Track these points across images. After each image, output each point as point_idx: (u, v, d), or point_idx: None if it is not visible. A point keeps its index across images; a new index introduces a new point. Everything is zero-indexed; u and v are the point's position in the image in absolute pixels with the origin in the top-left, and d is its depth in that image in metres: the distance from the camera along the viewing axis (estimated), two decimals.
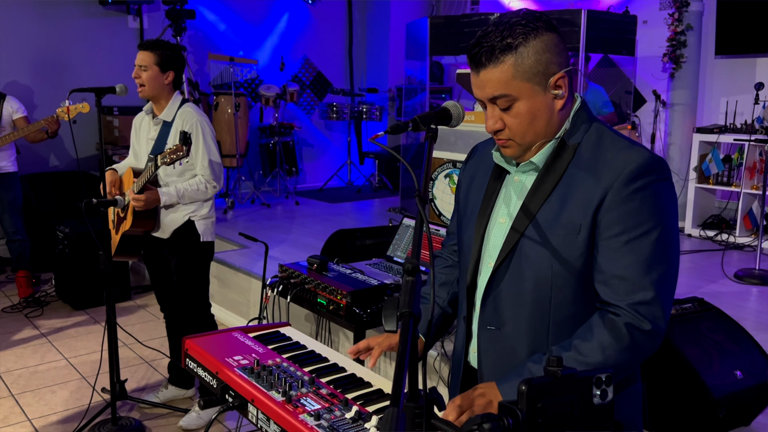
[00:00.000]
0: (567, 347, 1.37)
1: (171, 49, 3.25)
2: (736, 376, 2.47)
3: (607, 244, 1.36)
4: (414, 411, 0.98)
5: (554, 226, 1.40)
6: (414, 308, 0.93)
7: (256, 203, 6.89)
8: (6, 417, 3.47)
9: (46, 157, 6.37)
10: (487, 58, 1.37)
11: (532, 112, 1.40)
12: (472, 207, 1.59)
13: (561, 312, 1.42)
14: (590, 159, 1.41)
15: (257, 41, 7.63)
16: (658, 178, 1.37)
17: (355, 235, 3.88)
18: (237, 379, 1.62)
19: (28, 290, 5.27)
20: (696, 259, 5.16)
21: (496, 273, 1.48)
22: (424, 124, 1.43)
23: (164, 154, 2.93)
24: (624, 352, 1.34)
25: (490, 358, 1.52)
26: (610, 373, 1.04)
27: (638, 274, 1.34)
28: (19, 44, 6.16)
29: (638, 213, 1.34)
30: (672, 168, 6.02)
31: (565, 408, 0.98)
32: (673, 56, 5.96)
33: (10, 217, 5.25)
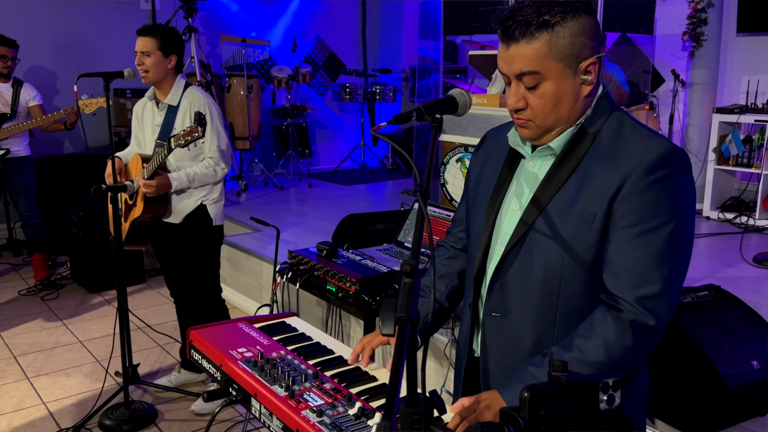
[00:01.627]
0: (568, 347, 1.34)
1: (171, 32, 3.21)
2: (752, 365, 2.42)
3: (620, 235, 1.32)
4: (413, 417, 0.95)
5: (568, 215, 1.36)
6: (411, 312, 0.90)
7: (269, 185, 6.87)
8: (21, 400, 3.51)
9: (60, 141, 6.39)
10: (521, 32, 1.32)
11: (558, 95, 1.35)
12: (483, 193, 1.55)
13: (569, 303, 1.39)
14: (609, 147, 1.37)
15: (270, 22, 7.56)
16: (678, 170, 1.33)
17: (366, 220, 3.84)
18: (240, 372, 1.60)
19: (43, 273, 5.31)
20: (714, 242, 5.07)
21: (504, 260, 1.45)
22: (428, 113, 1.39)
23: (178, 136, 2.90)
24: (628, 349, 1.32)
25: (494, 347, 1.50)
26: (617, 378, 1.00)
27: (648, 268, 1.30)
28: (36, 29, 6.16)
29: (655, 205, 1.30)
30: (691, 149, 5.92)
31: (570, 415, 0.95)
32: (693, 34, 5.82)
33: (24, 200, 5.29)
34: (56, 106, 6.23)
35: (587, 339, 1.32)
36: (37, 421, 3.31)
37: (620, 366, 1.33)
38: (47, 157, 6.09)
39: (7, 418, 3.32)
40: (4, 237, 6.02)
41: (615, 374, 1.00)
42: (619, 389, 1.00)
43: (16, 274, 5.54)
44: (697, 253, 4.79)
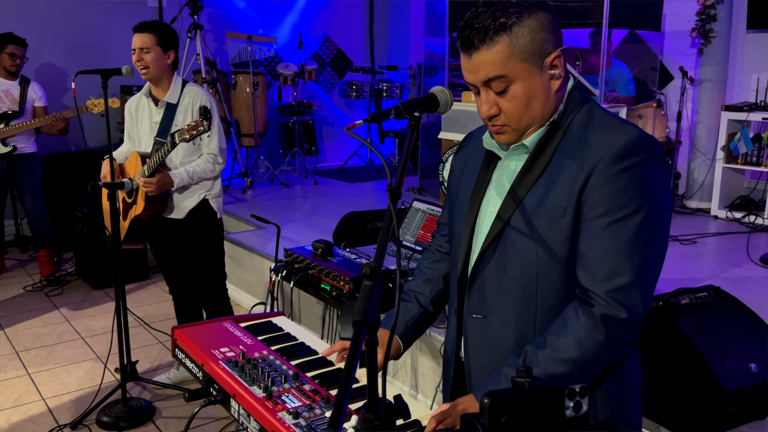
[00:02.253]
0: (542, 345, 1.32)
1: (167, 28, 3.23)
2: (750, 368, 2.38)
3: (589, 226, 1.31)
4: (373, 423, 0.93)
5: (540, 210, 1.35)
6: (369, 316, 0.88)
7: (275, 183, 6.87)
8: (21, 396, 3.52)
9: (67, 138, 6.41)
10: (480, 39, 1.30)
11: (529, 94, 1.34)
12: (463, 196, 1.54)
13: (548, 300, 1.37)
14: (578, 140, 1.35)
15: (276, 19, 7.55)
16: (647, 157, 1.30)
17: (366, 218, 3.83)
18: (221, 372, 1.59)
19: (49, 269, 5.34)
20: (721, 241, 5.01)
21: (480, 260, 1.43)
22: (407, 111, 1.37)
23: (182, 131, 2.90)
24: (601, 345, 1.29)
25: (477, 349, 1.48)
26: (584, 384, 0.98)
27: (618, 259, 1.27)
28: (46, 27, 6.19)
29: (623, 194, 1.28)
30: (699, 147, 5.85)
31: (533, 422, 0.93)
32: (702, 31, 5.74)
33: (30, 197, 5.32)
34: (66, 104, 6.26)
35: (560, 336, 1.31)
36: (35, 417, 3.32)
37: (595, 361, 1.31)
38: (54, 153, 6.12)
39: (6, 414, 3.34)
40: (12, 233, 6.06)
41: (582, 380, 0.98)
42: (587, 396, 0.98)
43: (23, 270, 5.57)
44: (703, 253, 4.74)
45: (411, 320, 1.64)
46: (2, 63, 5.11)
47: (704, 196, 5.89)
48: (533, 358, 1.31)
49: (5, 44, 5.08)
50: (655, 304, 2.50)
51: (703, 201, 5.91)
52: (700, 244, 4.88)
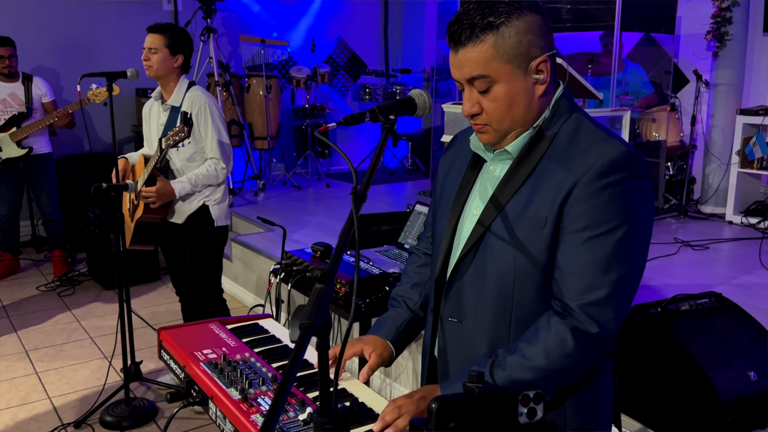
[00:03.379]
0: (513, 350, 1.32)
1: (181, 32, 3.24)
2: (749, 377, 2.34)
3: (568, 240, 1.30)
4: (324, 426, 0.92)
5: (521, 219, 1.34)
6: (317, 319, 0.87)
7: (287, 185, 6.90)
8: (28, 394, 3.57)
9: (81, 139, 6.50)
10: (466, 36, 1.30)
11: (511, 97, 1.33)
12: (447, 197, 1.53)
13: (523, 308, 1.36)
14: (564, 150, 1.34)
15: (291, 22, 7.59)
16: (631, 174, 1.29)
17: (371, 221, 3.82)
18: (200, 374, 1.59)
19: (62, 269, 5.42)
20: (735, 247, 4.93)
21: (460, 264, 1.43)
22: (382, 114, 1.37)
23: (168, 136, 2.94)
24: (569, 357, 1.29)
25: (451, 352, 1.47)
26: (539, 391, 0.96)
27: (594, 274, 1.27)
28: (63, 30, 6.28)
29: (604, 210, 1.27)
30: (714, 152, 5.77)
31: (483, 427, 0.92)
32: (717, 34, 5.66)
33: (46, 197, 5.40)
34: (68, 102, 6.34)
35: (530, 344, 1.31)
36: (40, 416, 3.36)
37: (562, 373, 1.31)
38: (69, 156, 6.20)
39: (12, 412, 3.39)
40: (27, 234, 6.15)
41: (537, 387, 0.97)
42: (542, 402, 0.96)
43: (37, 270, 5.65)
44: (716, 259, 4.66)
45: (402, 325, 1.63)
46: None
47: (719, 201, 5.81)
48: (502, 361, 1.31)
49: None
50: (654, 311, 2.46)
51: (717, 206, 5.83)
52: (713, 249, 4.81)
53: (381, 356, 1.56)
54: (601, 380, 1.42)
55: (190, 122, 2.83)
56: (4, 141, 5.14)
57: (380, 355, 1.56)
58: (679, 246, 4.79)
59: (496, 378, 1.30)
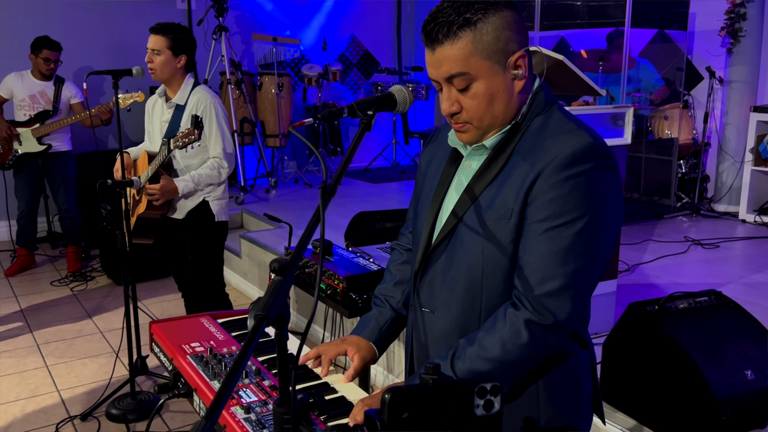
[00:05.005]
0: (472, 341, 1.33)
1: (183, 32, 3.27)
2: (746, 376, 2.32)
3: (529, 230, 1.31)
4: (283, 417, 0.94)
5: (489, 211, 1.35)
6: (272, 311, 0.89)
7: (299, 183, 6.94)
8: (37, 387, 3.64)
9: (99, 137, 6.59)
10: (444, 34, 1.30)
11: (491, 93, 1.33)
12: (426, 192, 1.54)
13: (492, 300, 1.37)
14: (532, 142, 1.35)
15: (304, 20, 7.62)
16: (595, 166, 1.29)
17: (375, 218, 3.85)
18: (186, 367, 1.62)
19: (76, 265, 5.50)
20: (746, 246, 4.88)
21: (432, 254, 1.44)
22: (360, 110, 1.38)
23: (176, 137, 2.97)
24: (523, 347, 1.29)
25: (425, 342, 1.49)
26: (497, 384, 0.97)
27: (551, 264, 1.27)
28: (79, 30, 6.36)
29: (565, 201, 1.27)
30: (727, 149, 5.71)
31: (437, 419, 0.93)
32: (732, 30, 5.59)
33: (63, 194, 5.50)
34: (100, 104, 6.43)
35: (488, 334, 1.32)
36: (48, 408, 3.43)
37: (518, 363, 1.31)
38: (85, 153, 6.29)
39: (21, 404, 3.45)
40: (43, 230, 6.25)
41: (495, 379, 0.97)
42: (500, 395, 0.97)
43: (52, 266, 5.74)
44: (726, 258, 4.62)
45: (385, 325, 1.64)
46: (37, 67, 5.28)
47: (732, 199, 5.74)
48: (462, 353, 1.33)
49: (40, 49, 5.24)
50: (650, 308, 2.45)
51: (731, 205, 5.76)
52: (724, 248, 4.76)
53: (364, 358, 1.58)
54: (573, 368, 1.42)
55: (201, 125, 2.86)
56: (26, 136, 5.25)
57: (363, 357, 1.58)
58: (689, 245, 4.75)
59: (456, 369, 1.31)
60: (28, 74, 5.33)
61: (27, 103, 5.27)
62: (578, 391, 1.43)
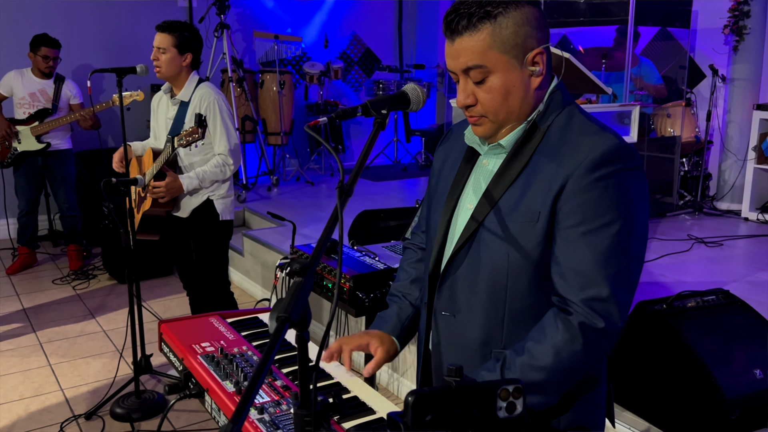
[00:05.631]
0: (520, 351, 1.31)
1: (189, 30, 3.26)
2: (755, 375, 2.31)
3: (564, 235, 1.29)
4: (303, 419, 0.93)
5: (513, 214, 1.34)
6: (293, 313, 0.88)
7: (300, 181, 6.93)
8: (41, 386, 3.63)
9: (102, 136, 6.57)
10: (464, 25, 1.30)
11: (507, 88, 1.32)
12: (441, 190, 1.53)
13: (516, 302, 1.36)
14: (556, 144, 1.34)
15: (305, 18, 7.60)
16: (624, 167, 1.28)
17: (379, 216, 3.84)
18: (198, 367, 1.61)
19: (77, 263, 5.49)
20: (749, 244, 4.87)
21: (454, 259, 1.43)
22: (375, 109, 1.37)
23: (180, 136, 2.97)
24: (578, 353, 1.27)
25: (444, 345, 1.48)
26: (519, 385, 0.96)
27: (593, 269, 1.26)
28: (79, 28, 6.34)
29: (598, 204, 1.26)
30: (730, 147, 5.70)
31: (460, 421, 0.92)
32: (735, 28, 5.58)
33: (64, 192, 5.48)
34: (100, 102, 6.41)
35: (538, 343, 1.29)
36: (52, 407, 3.42)
37: (571, 370, 1.30)
38: (86, 151, 6.27)
39: (25, 403, 3.44)
40: (44, 228, 6.23)
41: (517, 381, 0.97)
42: (522, 397, 0.96)
43: (53, 264, 5.73)
44: (729, 256, 4.61)
45: (406, 321, 1.63)
46: (36, 65, 5.26)
47: (735, 197, 5.74)
48: (511, 363, 1.30)
49: (39, 47, 5.22)
50: (659, 307, 2.44)
51: (734, 203, 5.76)
52: (727, 246, 4.75)
53: (387, 352, 1.55)
54: (596, 377, 1.42)
55: (204, 124, 2.85)
56: (25, 134, 5.23)
57: (387, 351, 1.55)
58: (693, 243, 4.74)
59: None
60: (28, 72, 5.31)
61: (27, 101, 5.26)
62: (597, 394, 1.43)
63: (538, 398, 1.28)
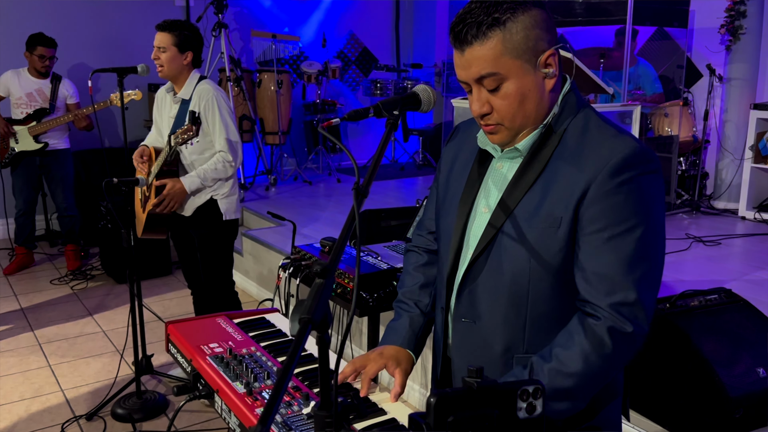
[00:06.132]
0: (548, 357, 1.30)
1: (189, 29, 3.25)
2: (758, 373, 2.33)
3: (589, 240, 1.29)
4: (324, 420, 0.93)
5: (534, 219, 1.33)
6: (316, 314, 0.88)
7: (298, 180, 6.92)
8: (41, 387, 3.61)
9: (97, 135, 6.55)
10: (473, 34, 1.29)
11: (522, 93, 1.32)
12: (453, 193, 1.51)
13: (538, 308, 1.36)
14: (574, 148, 1.33)
15: (302, 17, 7.59)
16: (644, 170, 1.28)
17: (380, 216, 3.83)
18: (207, 368, 1.61)
19: (75, 263, 5.47)
20: (748, 243, 4.90)
21: (473, 266, 1.41)
22: (386, 110, 1.37)
23: (176, 134, 2.97)
24: (607, 357, 1.27)
25: (464, 351, 1.47)
26: (539, 386, 0.97)
27: (620, 273, 1.26)
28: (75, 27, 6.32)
29: (622, 208, 1.27)
30: (727, 147, 5.73)
31: (482, 422, 0.92)
32: (731, 28, 5.61)
33: (62, 192, 5.46)
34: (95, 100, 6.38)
35: (566, 349, 1.29)
36: (53, 408, 3.41)
37: (600, 375, 1.30)
38: (84, 150, 6.25)
39: (25, 404, 3.43)
40: (42, 228, 6.21)
41: (537, 381, 0.97)
42: (542, 397, 0.97)
43: (50, 264, 5.71)
44: (728, 255, 4.63)
45: (419, 331, 1.60)
46: (32, 64, 5.24)
47: (732, 196, 5.77)
48: (539, 370, 1.29)
49: (35, 46, 5.20)
50: (662, 306, 2.45)
51: (731, 201, 5.79)
52: (725, 245, 4.77)
53: (406, 371, 1.52)
54: (615, 378, 1.42)
55: (198, 121, 2.85)
56: (22, 134, 5.21)
57: (404, 370, 1.52)
58: (691, 242, 4.76)
59: None
60: (25, 72, 5.29)
61: (24, 101, 5.23)
62: (615, 395, 1.43)
63: (567, 404, 1.28)
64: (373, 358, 1.52)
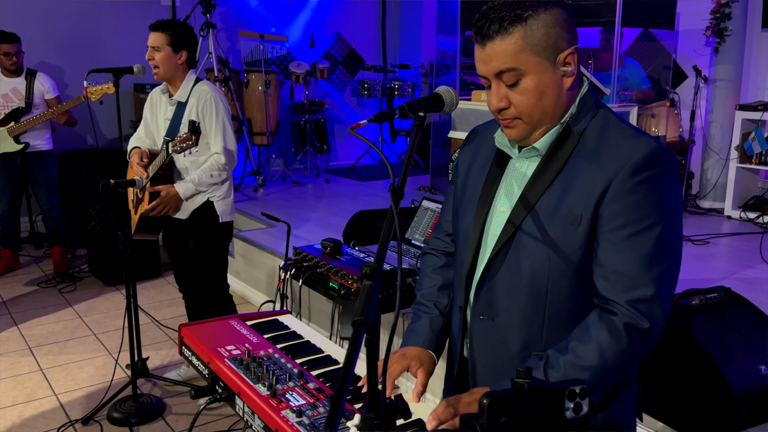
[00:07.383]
0: (564, 350, 1.31)
1: (183, 28, 3.22)
2: (760, 370, 2.36)
3: (608, 238, 1.30)
4: (372, 422, 0.93)
5: (553, 217, 1.34)
6: (368, 316, 0.88)
7: (286, 181, 6.89)
8: (33, 391, 3.56)
9: (82, 135, 6.47)
10: (495, 30, 1.31)
11: (540, 89, 1.33)
12: (470, 194, 1.52)
13: (556, 305, 1.37)
14: (594, 147, 1.35)
15: (289, 17, 7.57)
16: (663, 170, 1.30)
17: (376, 216, 3.84)
18: (226, 370, 1.60)
19: (62, 266, 5.39)
20: (734, 242, 4.97)
21: (491, 263, 1.43)
22: (412, 111, 1.37)
23: (174, 142, 2.93)
24: (623, 353, 1.29)
25: (482, 349, 1.47)
26: (585, 386, 0.97)
27: (639, 270, 1.28)
28: (59, 26, 6.23)
29: (642, 206, 1.28)
30: (713, 147, 5.81)
31: (533, 423, 0.93)
32: (717, 29, 5.69)
33: (45, 194, 5.36)
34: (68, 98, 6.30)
35: (582, 343, 1.30)
36: (47, 413, 3.36)
37: (616, 370, 1.31)
38: (69, 151, 6.17)
39: (18, 409, 3.38)
40: (26, 230, 6.11)
41: (582, 381, 0.97)
42: (588, 397, 0.97)
43: (36, 267, 5.62)
44: (716, 254, 4.70)
45: (440, 332, 1.60)
46: (1, 64, 5.09)
47: (718, 196, 5.85)
48: (555, 362, 1.31)
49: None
50: None
51: (716, 201, 5.87)
52: (713, 244, 4.84)
53: (428, 371, 1.52)
54: (630, 377, 1.43)
55: (198, 131, 2.82)
56: (2, 135, 5.09)
57: (427, 371, 1.52)
58: None
59: (550, 379, 1.30)
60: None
61: (0, 102, 5.11)
62: (630, 393, 1.45)
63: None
64: (395, 359, 1.52)
